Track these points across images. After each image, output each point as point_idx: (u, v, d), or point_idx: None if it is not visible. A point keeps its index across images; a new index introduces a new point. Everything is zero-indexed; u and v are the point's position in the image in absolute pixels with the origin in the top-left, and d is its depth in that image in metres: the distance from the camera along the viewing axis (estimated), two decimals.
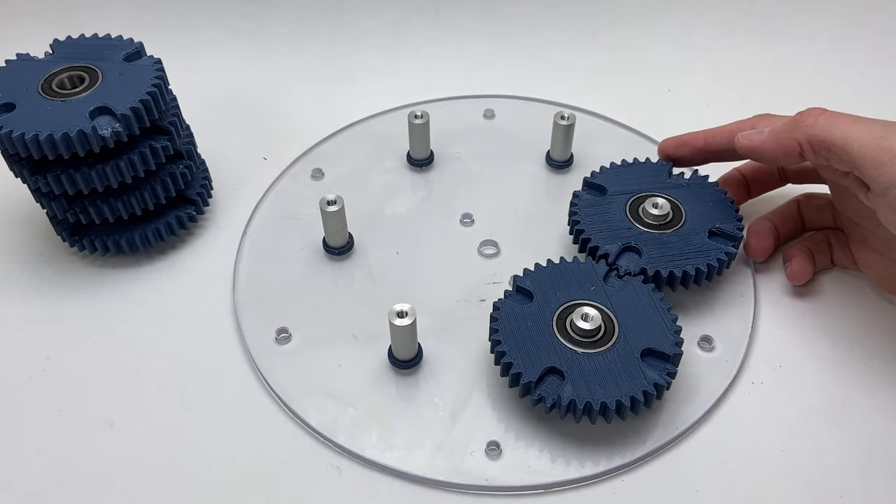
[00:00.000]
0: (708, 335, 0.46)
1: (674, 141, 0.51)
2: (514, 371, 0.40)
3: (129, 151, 0.47)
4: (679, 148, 0.50)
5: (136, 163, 0.47)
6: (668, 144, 0.51)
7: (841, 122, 0.41)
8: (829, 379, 0.45)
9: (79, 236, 0.51)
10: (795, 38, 0.69)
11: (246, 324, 0.48)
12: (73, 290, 0.50)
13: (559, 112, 0.55)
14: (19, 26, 0.69)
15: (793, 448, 0.42)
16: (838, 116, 0.41)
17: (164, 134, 0.48)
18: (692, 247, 0.46)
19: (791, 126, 0.43)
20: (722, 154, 0.48)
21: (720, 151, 0.48)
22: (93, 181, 0.46)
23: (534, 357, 0.40)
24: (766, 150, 0.44)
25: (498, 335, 0.41)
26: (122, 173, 0.46)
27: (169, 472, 0.41)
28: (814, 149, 0.42)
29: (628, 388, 0.39)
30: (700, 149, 0.49)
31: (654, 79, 0.67)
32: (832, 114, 0.42)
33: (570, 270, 0.45)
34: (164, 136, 0.48)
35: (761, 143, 0.45)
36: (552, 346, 0.41)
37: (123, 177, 0.46)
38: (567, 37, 0.70)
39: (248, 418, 0.44)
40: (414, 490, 0.41)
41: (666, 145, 0.51)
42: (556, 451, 0.41)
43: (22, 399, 0.45)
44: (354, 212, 0.52)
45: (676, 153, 0.50)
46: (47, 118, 0.44)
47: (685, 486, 0.40)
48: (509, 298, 0.43)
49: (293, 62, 0.69)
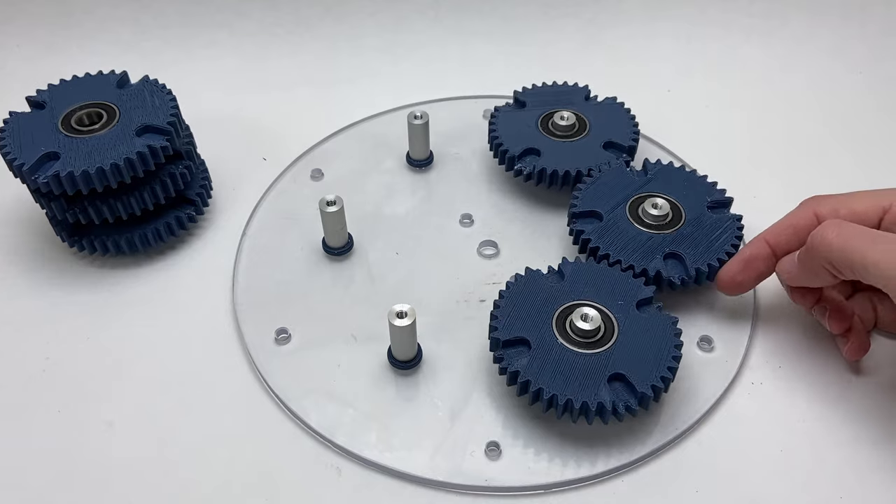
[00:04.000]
0: (707, 336, 0.46)
1: (734, 265, 0.45)
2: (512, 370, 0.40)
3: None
4: (746, 269, 0.45)
5: (135, 164, 0.47)
6: (730, 271, 0.45)
7: (857, 245, 0.38)
8: (829, 379, 0.45)
9: (78, 236, 0.51)
10: (795, 38, 0.69)
11: (245, 324, 0.48)
12: (73, 290, 0.50)
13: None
14: (19, 26, 0.69)
15: (793, 448, 0.42)
16: (850, 237, 0.38)
17: (164, 134, 0.48)
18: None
19: (811, 253, 0.40)
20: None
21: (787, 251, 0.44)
22: (92, 182, 0.46)
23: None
24: (805, 281, 0.42)
25: (498, 333, 0.41)
26: (121, 174, 0.46)
27: (168, 472, 0.41)
28: (840, 271, 0.39)
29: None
30: (768, 256, 0.45)
31: (654, 79, 0.67)
32: (843, 235, 0.39)
33: (610, 275, 0.44)
34: (164, 137, 0.48)
35: (798, 275, 0.42)
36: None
37: (123, 177, 0.46)
38: (567, 37, 0.70)
39: (248, 419, 0.44)
40: (413, 490, 0.41)
41: (729, 273, 0.45)
42: (555, 452, 0.41)
43: (21, 399, 0.45)
44: (354, 212, 0.52)
45: (745, 276, 0.45)
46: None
47: (685, 486, 0.40)
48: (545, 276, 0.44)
49: (293, 62, 0.69)
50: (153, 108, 0.49)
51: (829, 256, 0.39)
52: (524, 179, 0.53)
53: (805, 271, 0.42)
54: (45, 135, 0.48)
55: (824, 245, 0.39)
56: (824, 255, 0.39)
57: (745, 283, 0.45)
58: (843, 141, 0.60)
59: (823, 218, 0.43)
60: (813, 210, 0.43)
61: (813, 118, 0.63)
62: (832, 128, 0.62)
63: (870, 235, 0.38)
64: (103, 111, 0.49)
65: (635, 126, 0.54)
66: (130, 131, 0.48)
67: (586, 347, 0.41)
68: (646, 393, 0.39)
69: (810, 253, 0.40)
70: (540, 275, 0.44)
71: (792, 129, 0.62)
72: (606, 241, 0.46)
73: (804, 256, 0.41)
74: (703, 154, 0.58)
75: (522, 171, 0.52)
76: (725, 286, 0.46)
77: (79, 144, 0.47)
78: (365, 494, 0.40)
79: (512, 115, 0.56)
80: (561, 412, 0.39)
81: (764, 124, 0.62)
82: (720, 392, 0.44)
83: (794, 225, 0.44)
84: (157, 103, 0.50)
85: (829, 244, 0.39)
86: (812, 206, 0.44)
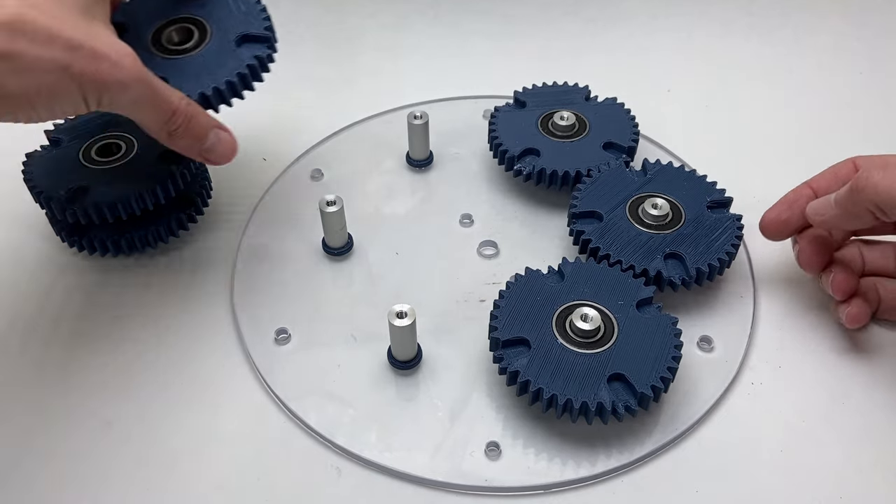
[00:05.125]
0: (707, 335, 0.46)
1: (778, 206, 0.47)
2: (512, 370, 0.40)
3: None
4: (790, 208, 0.46)
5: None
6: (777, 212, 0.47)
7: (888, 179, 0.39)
8: (829, 379, 0.45)
9: (78, 236, 0.51)
10: (795, 38, 0.69)
11: (245, 324, 0.48)
12: (72, 290, 0.50)
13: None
14: None
15: (793, 448, 0.42)
16: (890, 172, 0.39)
17: (183, 163, 0.49)
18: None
19: (853, 194, 0.41)
20: None
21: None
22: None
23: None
24: (839, 222, 0.43)
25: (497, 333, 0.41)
26: (145, 202, 0.48)
27: (168, 472, 0.41)
28: (885, 211, 0.40)
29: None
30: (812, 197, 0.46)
31: (654, 79, 0.67)
32: (890, 176, 0.39)
33: (610, 275, 0.44)
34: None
35: (833, 217, 0.43)
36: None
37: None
38: (567, 37, 0.70)
39: (248, 419, 0.44)
40: (413, 490, 0.41)
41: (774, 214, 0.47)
42: (555, 452, 0.41)
43: (21, 400, 0.45)
44: (354, 212, 0.52)
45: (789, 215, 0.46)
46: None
47: (685, 486, 0.40)
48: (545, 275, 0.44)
49: (293, 62, 0.68)
50: None
51: (876, 198, 0.40)
52: (524, 179, 0.53)
53: (845, 213, 0.42)
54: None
55: (870, 185, 0.40)
56: (870, 196, 0.40)
57: (790, 221, 0.46)
58: (844, 141, 0.60)
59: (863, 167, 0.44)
60: (853, 161, 0.45)
61: (813, 118, 0.63)
62: (832, 128, 0.62)
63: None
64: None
65: (635, 126, 0.54)
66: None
67: (586, 347, 0.41)
68: (645, 393, 0.39)
69: (854, 195, 0.41)
70: (540, 275, 0.44)
71: (792, 129, 0.62)
72: (607, 241, 0.46)
73: (845, 198, 0.42)
74: (703, 154, 0.58)
75: (522, 171, 0.52)
76: (769, 226, 0.47)
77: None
78: (365, 494, 0.40)
79: (512, 115, 0.56)
80: (561, 412, 0.39)
81: (764, 124, 0.62)
82: (720, 392, 0.44)
83: (835, 172, 0.46)
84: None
85: (875, 184, 0.40)
86: (852, 159, 0.45)
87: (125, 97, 0.37)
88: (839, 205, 0.42)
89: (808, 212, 0.45)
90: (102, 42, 0.36)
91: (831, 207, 0.43)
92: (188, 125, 0.40)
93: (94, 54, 0.35)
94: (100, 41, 0.36)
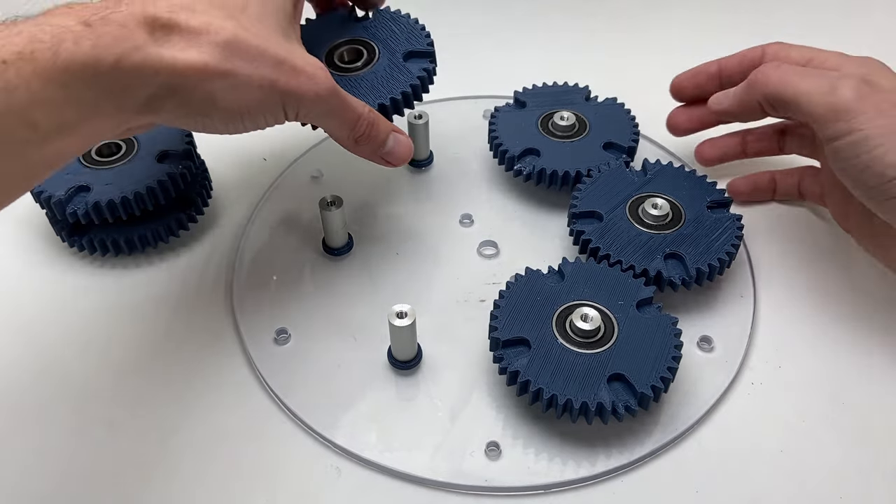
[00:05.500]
0: (707, 335, 0.46)
1: (686, 73, 0.52)
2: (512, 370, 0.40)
3: None
4: (693, 78, 0.52)
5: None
6: (681, 77, 0.53)
7: (792, 79, 0.42)
8: (829, 379, 0.45)
9: (78, 236, 0.51)
10: (795, 38, 0.69)
11: (245, 324, 0.48)
12: (72, 290, 0.50)
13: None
14: None
15: (793, 448, 0.42)
16: (789, 72, 0.42)
17: (184, 159, 0.49)
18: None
19: (748, 86, 0.44)
20: (734, 84, 0.49)
21: (731, 77, 0.49)
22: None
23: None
24: (733, 112, 0.47)
25: (497, 333, 0.41)
26: (144, 202, 0.48)
27: (168, 472, 0.41)
28: (773, 106, 0.43)
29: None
30: (713, 74, 0.50)
31: (654, 79, 0.66)
32: (784, 69, 0.43)
33: (610, 275, 0.44)
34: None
35: (729, 106, 0.47)
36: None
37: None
38: (566, 37, 0.70)
39: (248, 419, 0.44)
40: (413, 491, 0.41)
41: (679, 79, 0.53)
42: (555, 452, 0.41)
43: (21, 400, 0.45)
44: (354, 212, 0.52)
45: (689, 83, 0.52)
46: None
47: (685, 486, 0.40)
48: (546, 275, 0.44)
49: None
50: (170, 134, 0.52)
51: (766, 91, 0.43)
52: (524, 179, 0.53)
53: (739, 105, 0.46)
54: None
55: (763, 76, 0.43)
56: (762, 89, 0.43)
57: (686, 90, 0.53)
58: None
59: (769, 58, 0.47)
60: (763, 49, 0.48)
61: None
62: None
63: (804, 71, 0.42)
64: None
65: (635, 126, 0.54)
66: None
67: (586, 347, 0.41)
68: (645, 393, 0.39)
69: (749, 87, 0.44)
70: (540, 275, 0.44)
71: None
72: (607, 241, 0.46)
73: (741, 91, 0.45)
74: None
75: (522, 171, 0.52)
76: (672, 89, 0.53)
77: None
78: (365, 495, 0.40)
79: (512, 115, 0.56)
80: (561, 412, 0.39)
81: (763, 124, 0.62)
82: (720, 392, 0.44)
83: (744, 54, 0.49)
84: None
85: (767, 78, 0.43)
86: (763, 46, 0.48)
87: (319, 108, 0.40)
88: (736, 96, 0.46)
89: (710, 101, 0.48)
90: (300, 59, 0.38)
91: (729, 98, 0.46)
92: (371, 131, 0.43)
93: (294, 70, 0.37)
94: (298, 58, 0.38)
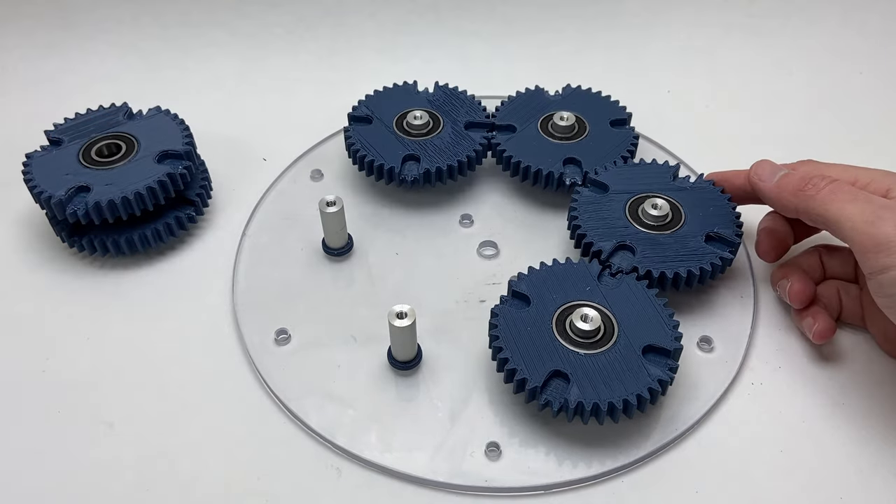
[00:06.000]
0: (707, 336, 0.46)
1: (715, 176, 0.50)
2: (519, 377, 0.40)
3: None
4: (720, 184, 0.50)
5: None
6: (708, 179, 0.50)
7: (838, 199, 0.40)
8: (829, 379, 0.45)
9: (78, 236, 0.51)
10: (795, 38, 0.69)
11: (245, 325, 0.48)
12: (72, 290, 0.50)
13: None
14: (19, 26, 0.69)
15: (793, 448, 0.42)
16: (837, 192, 0.41)
17: (183, 159, 0.49)
18: (688, 249, 0.46)
19: (795, 188, 0.43)
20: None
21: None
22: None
23: (537, 361, 0.40)
24: (767, 196, 0.45)
25: (499, 342, 0.41)
26: (144, 202, 0.48)
27: (168, 473, 0.41)
28: (810, 218, 0.42)
29: (633, 387, 0.39)
30: (740, 187, 0.48)
31: (654, 79, 0.67)
32: (833, 188, 0.41)
33: (565, 271, 0.45)
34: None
35: (767, 189, 0.45)
36: (554, 348, 0.41)
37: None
38: (566, 37, 0.70)
39: (248, 419, 0.44)
40: (413, 491, 0.40)
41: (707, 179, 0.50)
42: (555, 452, 0.41)
43: (21, 400, 0.45)
44: (354, 213, 0.52)
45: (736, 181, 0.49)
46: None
47: (685, 486, 0.40)
48: (506, 304, 0.43)
49: (293, 62, 0.69)
50: (170, 135, 0.52)
51: (809, 204, 0.42)
52: (521, 179, 0.53)
53: (776, 196, 0.44)
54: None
55: (813, 189, 0.42)
56: (807, 201, 0.42)
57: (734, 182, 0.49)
58: (844, 141, 0.60)
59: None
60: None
61: (813, 118, 0.63)
62: (832, 128, 0.62)
63: (852, 193, 0.40)
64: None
65: (629, 121, 0.55)
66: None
67: (586, 348, 0.41)
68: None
69: (797, 189, 0.43)
70: (510, 308, 0.43)
71: (791, 130, 0.62)
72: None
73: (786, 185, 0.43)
74: (703, 154, 0.58)
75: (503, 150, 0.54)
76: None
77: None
78: (365, 495, 0.40)
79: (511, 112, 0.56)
80: (572, 415, 0.39)
81: (764, 124, 0.62)
82: (720, 392, 0.44)
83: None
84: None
85: (817, 192, 0.41)
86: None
87: None
88: (778, 187, 0.44)
89: (752, 173, 0.46)
90: None
91: (771, 182, 0.44)
92: None
93: None
94: None
